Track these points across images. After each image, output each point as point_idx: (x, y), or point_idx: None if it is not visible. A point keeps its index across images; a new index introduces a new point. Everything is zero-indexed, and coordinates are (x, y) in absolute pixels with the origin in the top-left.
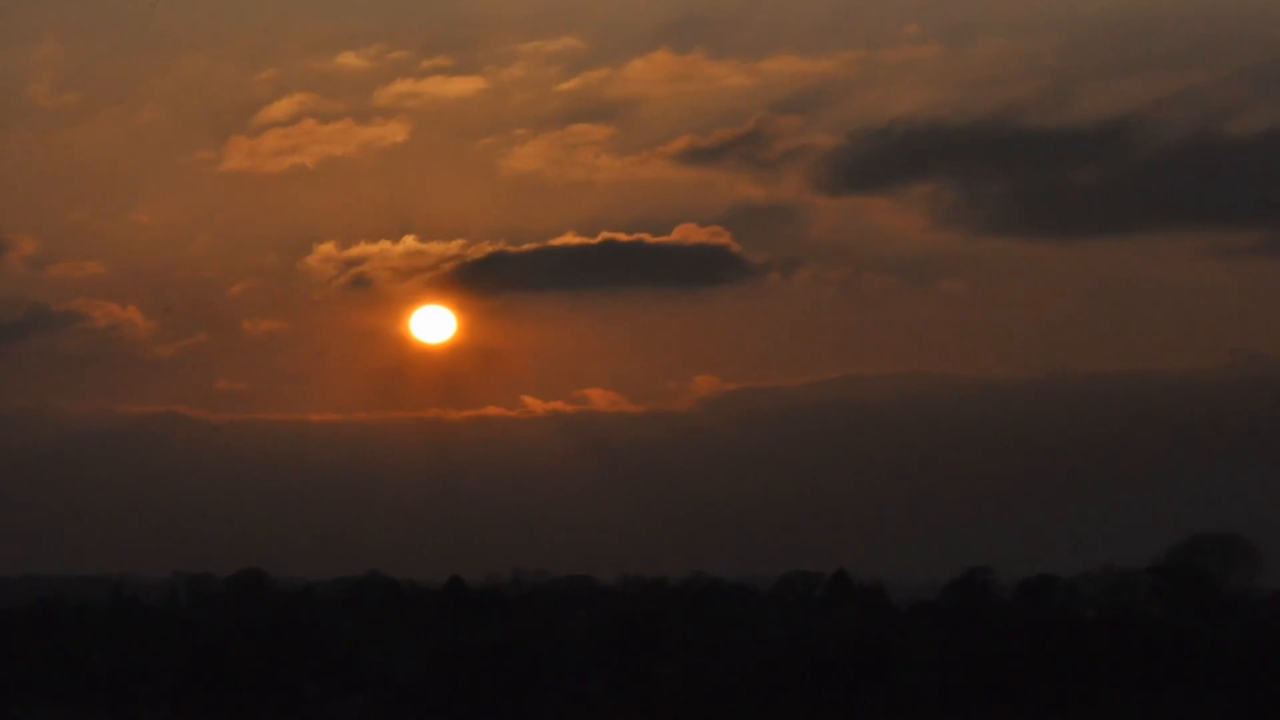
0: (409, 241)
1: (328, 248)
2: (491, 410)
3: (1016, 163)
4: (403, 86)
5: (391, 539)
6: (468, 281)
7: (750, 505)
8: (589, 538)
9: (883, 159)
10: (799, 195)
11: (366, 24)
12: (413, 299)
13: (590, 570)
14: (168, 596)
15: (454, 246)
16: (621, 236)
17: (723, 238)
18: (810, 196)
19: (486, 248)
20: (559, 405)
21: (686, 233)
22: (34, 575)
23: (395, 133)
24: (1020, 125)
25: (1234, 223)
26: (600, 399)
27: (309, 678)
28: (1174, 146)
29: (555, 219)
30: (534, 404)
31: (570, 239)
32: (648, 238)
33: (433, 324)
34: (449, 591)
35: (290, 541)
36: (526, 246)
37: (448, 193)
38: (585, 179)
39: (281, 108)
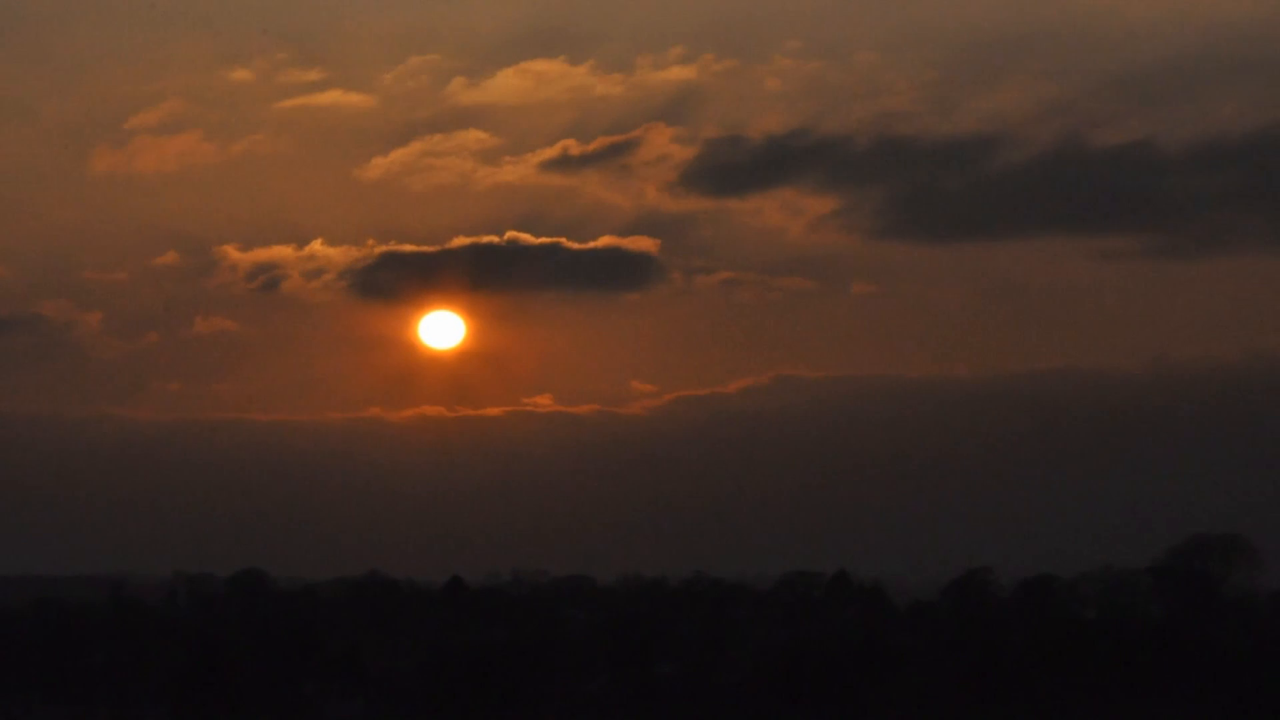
0: (316, 245)
1: (233, 251)
2: (491, 410)
3: (903, 171)
4: (294, 99)
5: (391, 539)
6: (410, 282)
7: (750, 505)
8: (589, 538)
9: (768, 166)
10: (689, 201)
11: (259, 40)
12: (375, 300)
13: (590, 570)
14: (168, 596)
15: (362, 250)
16: (528, 238)
17: (630, 242)
18: (700, 202)
19: (400, 248)
20: (555, 406)
21: (590, 236)
22: (34, 575)
23: (286, 143)
24: (902, 135)
25: (1112, 228)
26: (594, 399)
27: (309, 678)
28: (1046, 156)
29: (455, 223)
30: (534, 404)
31: (482, 239)
32: (566, 241)
33: (428, 328)
34: (449, 591)
35: (290, 541)
36: (429, 248)
37: (341, 199)
38: (473, 185)
39: (174, 118)
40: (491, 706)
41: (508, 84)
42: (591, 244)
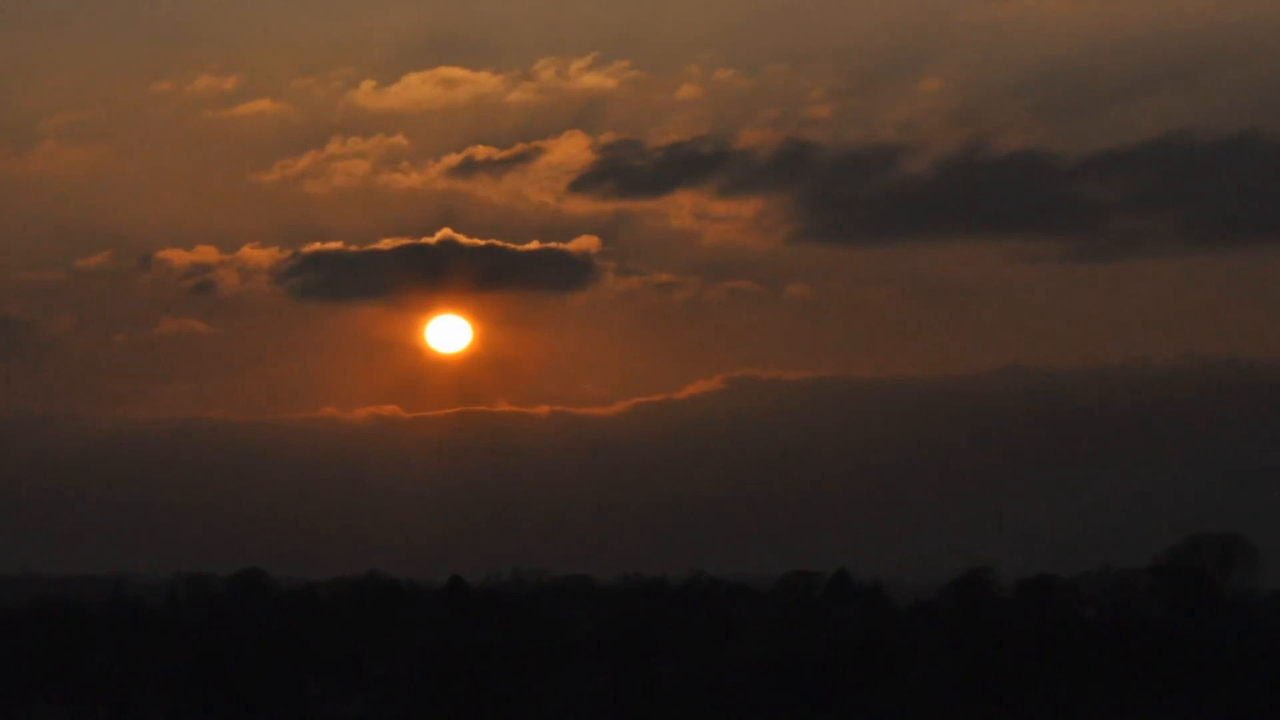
0: (247, 250)
1: (168, 254)
2: (491, 410)
3: (817, 176)
4: (210, 108)
5: (391, 539)
6: (351, 282)
7: (751, 505)
8: (589, 538)
9: (684, 172)
10: (603, 205)
11: (175, 50)
12: (326, 302)
13: (590, 570)
14: (168, 596)
15: (289, 252)
16: (463, 239)
17: (570, 246)
18: (612, 206)
19: (330, 248)
20: (552, 407)
21: (515, 239)
22: (34, 575)
23: (206, 149)
24: (815, 142)
25: (1028, 232)
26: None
27: (309, 678)
28: (957, 162)
29: (379, 224)
30: (531, 405)
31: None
32: (499, 242)
33: (438, 329)
34: (449, 591)
35: (290, 541)
36: (355, 248)
37: (260, 203)
38: (389, 188)
39: (89, 125)
40: (491, 706)
41: (421, 90)
42: (527, 245)
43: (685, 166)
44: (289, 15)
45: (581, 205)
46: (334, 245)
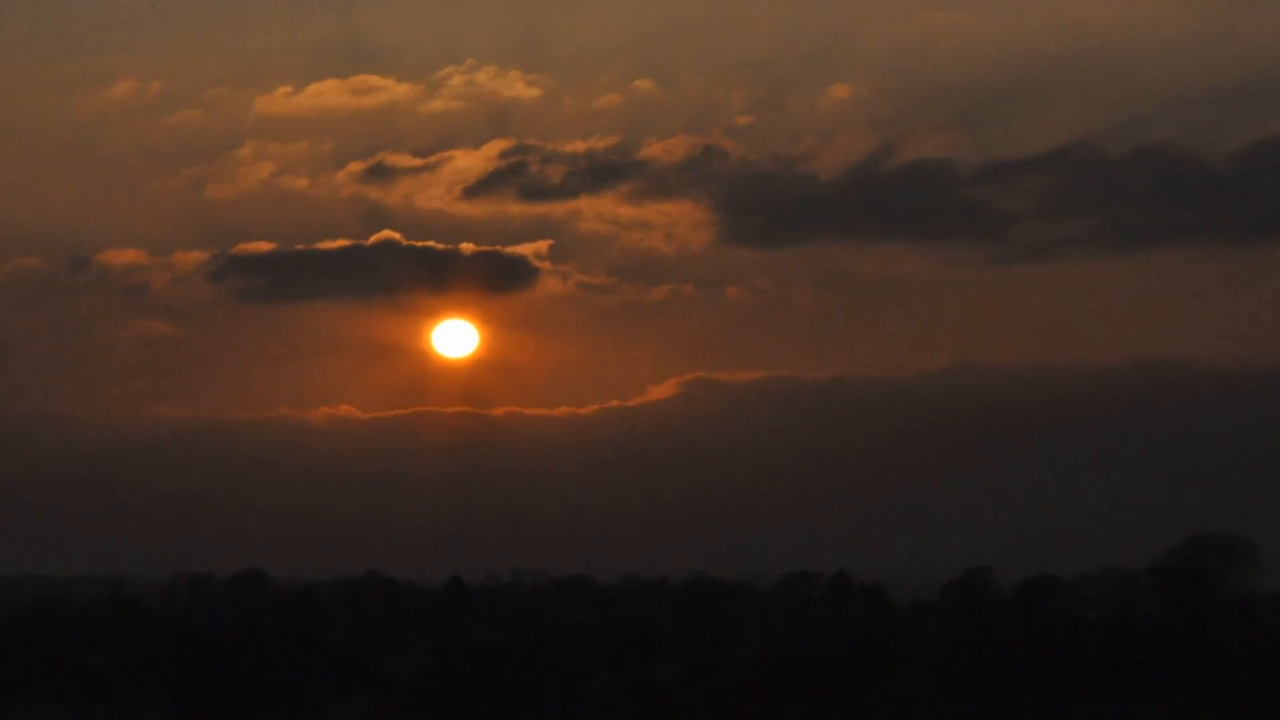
0: (180, 254)
1: (110, 254)
2: (490, 410)
3: (736, 183)
4: (133, 118)
5: (391, 539)
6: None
7: (751, 505)
8: (589, 538)
9: (601, 178)
10: (527, 208)
11: (97, 59)
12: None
13: (590, 570)
14: (168, 596)
15: (215, 252)
16: (403, 240)
17: (516, 249)
18: (535, 209)
19: (267, 248)
20: (547, 408)
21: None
22: (34, 575)
23: (124, 155)
24: (731, 150)
25: (939, 237)
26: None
27: (309, 678)
28: (866, 169)
29: (312, 227)
30: (524, 406)
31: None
32: (434, 245)
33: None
34: (449, 591)
35: (290, 541)
36: (315, 246)
37: (185, 208)
38: (311, 192)
39: (7, 135)
40: (491, 707)
41: (338, 98)
42: (463, 247)
43: (603, 173)
44: (207, 24)
45: (502, 210)
46: (267, 246)
